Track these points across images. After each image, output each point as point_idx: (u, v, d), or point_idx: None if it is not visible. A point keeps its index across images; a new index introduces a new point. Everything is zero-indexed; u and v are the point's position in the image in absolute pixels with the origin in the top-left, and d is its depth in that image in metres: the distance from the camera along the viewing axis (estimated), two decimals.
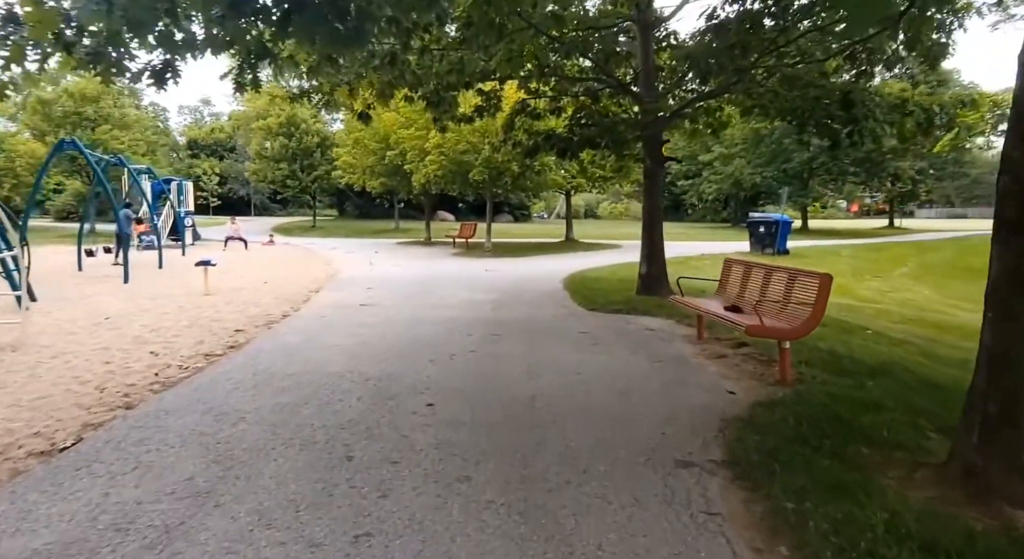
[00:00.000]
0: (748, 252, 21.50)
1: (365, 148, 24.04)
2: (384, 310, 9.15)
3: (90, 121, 29.72)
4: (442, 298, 10.43)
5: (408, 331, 7.57)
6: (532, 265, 17.02)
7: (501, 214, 49.20)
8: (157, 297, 10.76)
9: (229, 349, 6.75)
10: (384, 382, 5.28)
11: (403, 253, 21.55)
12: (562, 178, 21.83)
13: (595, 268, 15.58)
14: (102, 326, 8.04)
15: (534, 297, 10.69)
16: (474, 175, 18.72)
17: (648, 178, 10.41)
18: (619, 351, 6.57)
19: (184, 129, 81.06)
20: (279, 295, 10.94)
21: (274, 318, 8.61)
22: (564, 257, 20.00)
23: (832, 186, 42.82)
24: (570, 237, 26.19)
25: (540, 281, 13.00)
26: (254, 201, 71.28)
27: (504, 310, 9.25)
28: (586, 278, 13.17)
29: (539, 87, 11.19)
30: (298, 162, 34.26)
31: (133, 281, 13.07)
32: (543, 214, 75.76)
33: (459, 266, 16.76)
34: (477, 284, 12.42)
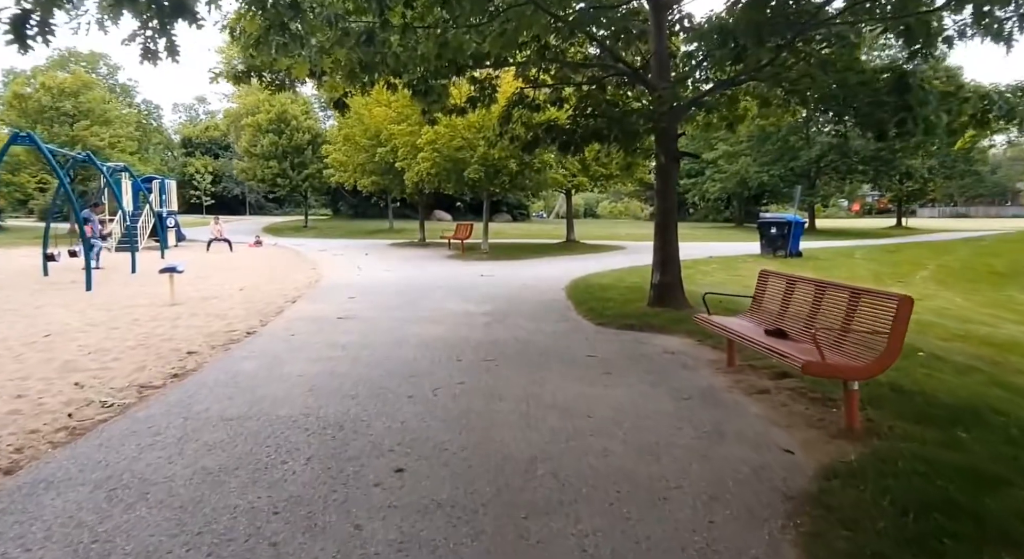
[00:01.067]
0: (759, 255, 20.42)
1: (356, 145, 22.92)
2: (364, 326, 8.05)
3: (68, 116, 28.54)
4: (431, 310, 9.33)
5: (387, 355, 6.47)
6: (531, 269, 15.93)
7: (499, 214, 48.10)
8: (114, 308, 9.66)
9: (171, 379, 5.65)
10: (346, 432, 4.18)
11: (395, 255, 20.45)
12: (563, 176, 20.73)
13: (599, 273, 14.49)
14: (34, 346, 6.94)
15: (534, 309, 9.60)
16: (469, 173, 17.61)
17: (660, 176, 9.32)
18: (636, 382, 5.48)
19: (178, 127, 79.96)
20: (251, 306, 9.84)
21: (236, 336, 7.51)
22: (565, 260, 18.90)
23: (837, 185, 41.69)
24: (571, 238, 25.10)
25: (540, 289, 11.90)
26: (249, 200, 70.17)
27: (500, 326, 8.15)
28: (591, 285, 12.07)
29: (539, 75, 10.10)
30: (288, 160, 33.12)
31: (98, 288, 11.97)
32: (542, 213, 74.63)
33: (453, 270, 15.65)
34: (471, 292, 11.32)
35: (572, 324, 8.42)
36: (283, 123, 32.78)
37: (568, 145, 8.96)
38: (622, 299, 10.16)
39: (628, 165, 13.28)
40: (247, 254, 21.07)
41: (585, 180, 21.44)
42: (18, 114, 27.93)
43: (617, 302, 9.85)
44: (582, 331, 7.95)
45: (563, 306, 9.93)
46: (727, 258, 19.77)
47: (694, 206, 58.62)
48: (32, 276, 14.04)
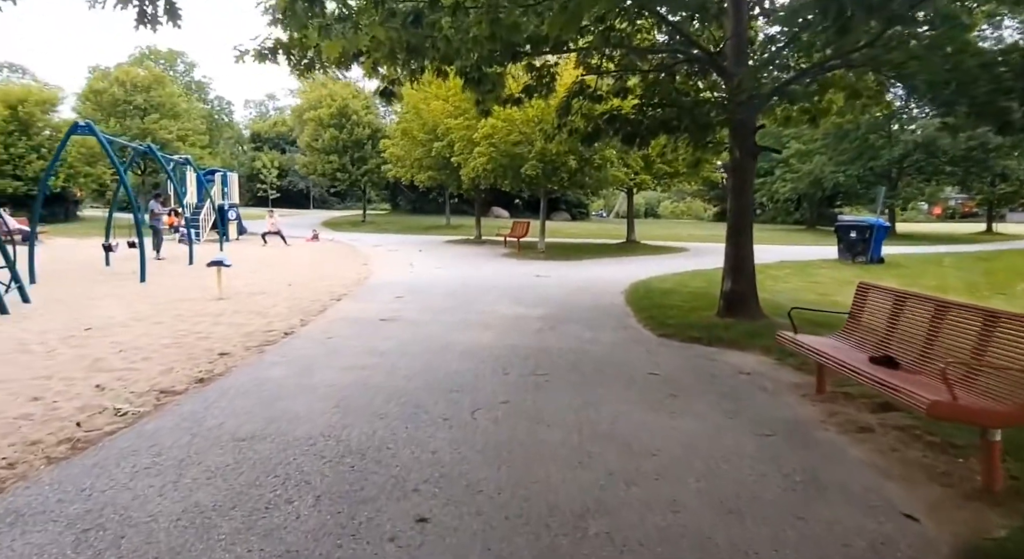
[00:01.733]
0: (836, 260, 18.98)
1: (413, 140, 22.62)
2: (407, 330, 7.52)
3: (140, 110, 29.47)
4: (481, 313, 8.74)
5: (428, 365, 5.90)
6: (589, 271, 15.16)
7: (557, 212, 47.28)
8: (162, 301, 9.50)
9: (195, 384, 5.24)
10: (367, 462, 3.61)
11: (449, 253, 20.02)
12: (624, 174, 19.80)
13: (661, 277, 13.59)
14: (70, 342, 6.72)
15: (590, 315, 8.87)
16: (527, 170, 16.96)
17: (734, 173, 8.43)
18: (708, 410, 4.71)
19: (249, 123, 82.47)
20: (295, 303, 9.50)
21: (272, 336, 7.11)
22: (625, 262, 18.03)
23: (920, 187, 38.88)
24: (631, 238, 24.11)
25: (598, 292, 11.15)
26: (312, 194, 71.65)
27: (553, 334, 7.48)
28: (652, 290, 11.23)
29: (601, 63, 9.34)
30: (348, 154, 33.28)
31: (152, 280, 11.96)
32: (602, 212, 73.33)
33: (507, 270, 15.05)
34: (525, 294, 10.68)
35: (631, 333, 7.66)
36: (344, 117, 32.98)
37: (633, 137, 8.18)
38: (687, 307, 9.31)
39: (696, 162, 12.28)
40: (303, 249, 21.08)
41: (648, 178, 20.45)
42: (94, 108, 29.08)
43: (681, 310, 9.01)
44: (643, 342, 7.18)
45: (622, 312, 9.17)
46: (800, 263, 18.43)
47: (762, 207, 56.19)
48: (95, 267, 14.25)
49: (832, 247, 20.58)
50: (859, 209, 43.44)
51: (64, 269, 13.82)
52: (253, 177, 72.19)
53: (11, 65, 60.25)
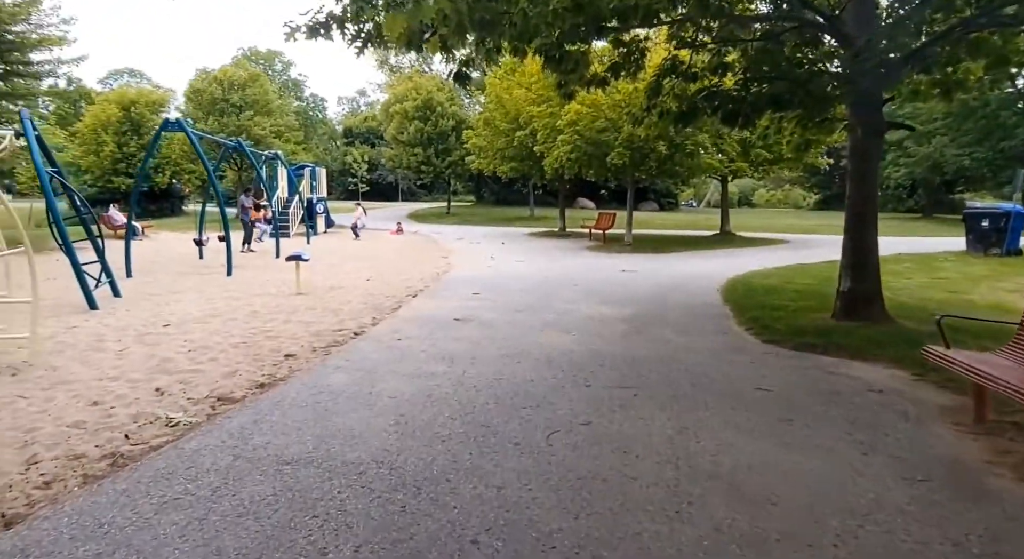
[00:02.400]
0: (964, 252, 16.92)
1: (496, 130, 22.17)
2: (481, 331, 6.98)
3: (236, 107, 30.71)
4: (561, 313, 8.08)
5: (500, 373, 5.32)
6: (680, 265, 14.14)
7: (645, 202, 45.71)
8: (242, 297, 9.46)
9: (253, 390, 4.91)
10: (421, 500, 3.06)
11: (532, 246, 19.45)
12: (718, 161, 18.50)
13: (761, 272, 12.42)
14: (145, 339, 6.63)
15: (683, 316, 8.02)
16: (613, 158, 16.07)
17: (856, 154, 7.33)
18: (834, 441, 3.86)
19: (341, 119, 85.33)
20: (370, 300, 9.21)
21: (342, 337, 6.76)
22: (719, 255, 16.80)
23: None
24: (726, 229, 22.65)
25: (691, 289, 10.22)
26: (401, 186, 73.21)
27: (641, 338, 6.72)
28: (752, 287, 10.17)
29: (696, 36, 8.40)
30: (433, 147, 33.36)
31: (238, 274, 12.10)
32: (692, 202, 70.57)
33: (591, 264, 14.29)
34: (609, 292, 9.92)
35: (732, 339, 6.78)
36: (429, 110, 33.08)
37: (735, 116, 7.21)
38: (794, 307, 8.27)
39: (806, 144, 11.01)
40: (386, 242, 21.14)
41: (745, 165, 19.02)
42: (195, 106, 30.59)
43: (788, 311, 7.99)
44: (746, 350, 6.30)
45: (719, 313, 8.25)
46: (922, 256, 16.55)
47: None
48: (189, 261, 14.66)
49: (955, 237, 18.47)
50: (985, 195, 39.28)
51: (161, 262, 14.31)
52: (345, 171, 74.69)
53: (131, 70, 65.11)
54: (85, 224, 9.21)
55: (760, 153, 18.85)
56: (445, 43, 5.25)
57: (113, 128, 29.55)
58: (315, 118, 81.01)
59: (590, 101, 15.89)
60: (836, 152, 33.69)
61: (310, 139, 70.92)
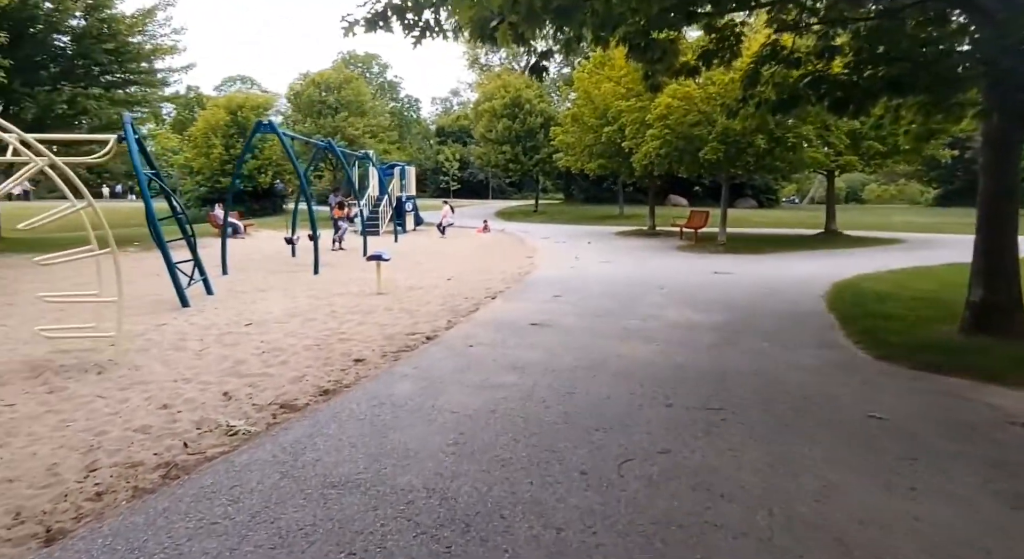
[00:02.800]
0: None
1: (583, 126, 21.62)
2: (557, 338, 6.60)
3: (331, 109, 31.77)
4: (644, 319, 7.56)
5: (573, 386, 4.93)
6: (779, 267, 13.13)
7: (742, 199, 43.56)
8: (323, 296, 9.56)
9: (317, 397, 4.78)
10: (469, 540, 2.74)
11: (619, 245, 18.81)
12: (824, 155, 17.09)
13: (872, 275, 11.28)
14: (224, 339, 6.72)
15: (782, 325, 7.29)
16: (706, 153, 15.17)
17: (992, 144, 6.36)
18: (973, 491, 3.20)
19: (435, 118, 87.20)
20: (448, 301, 9.05)
21: (414, 341, 6.58)
22: (823, 256, 15.53)
23: None
24: (831, 228, 21.00)
25: (791, 295, 9.37)
26: (491, 185, 73.82)
27: (733, 351, 6.11)
28: (862, 293, 9.18)
29: (800, 18, 7.60)
30: (521, 144, 33.19)
31: (324, 272, 12.36)
32: (794, 198, 66.80)
33: (681, 266, 13.55)
34: (699, 296, 9.26)
35: (839, 354, 6.04)
36: (517, 107, 32.92)
37: (844, 103, 6.40)
38: (913, 318, 7.33)
39: (928, 133, 9.79)
40: (472, 240, 21.13)
41: (855, 159, 17.48)
42: (294, 109, 31.94)
43: (905, 322, 7.08)
44: (856, 368, 5.56)
45: (823, 323, 7.44)
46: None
47: None
48: (280, 259, 15.17)
49: None
50: None
51: (257, 260, 14.89)
52: (437, 170, 76.22)
53: (242, 77, 69.30)
54: (180, 224, 9.60)
55: (872, 145, 17.26)
56: (517, 33, 4.90)
57: (221, 131, 31.37)
58: (409, 118, 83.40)
59: (682, 94, 15.09)
60: (960, 143, 30.68)
61: (404, 138, 73.02)
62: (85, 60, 16.65)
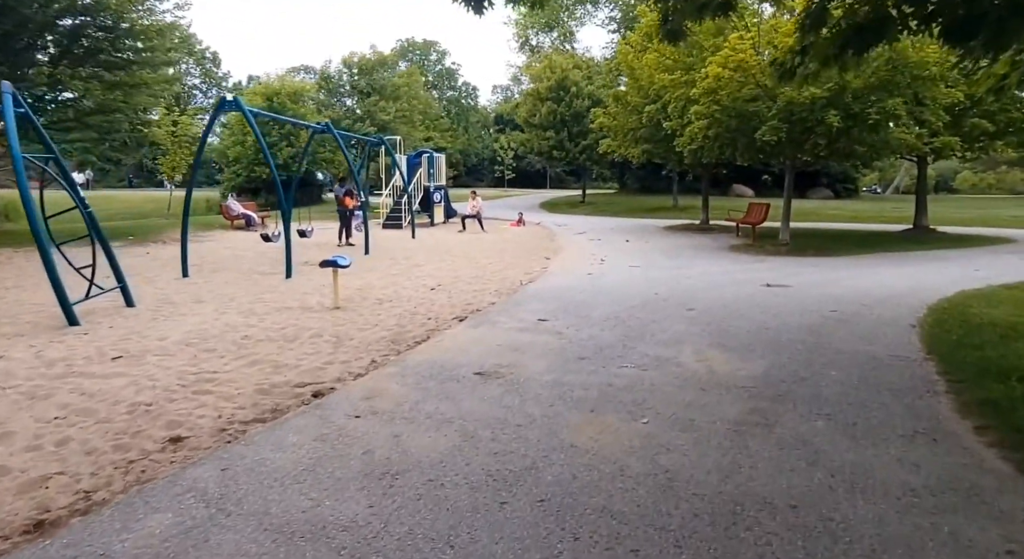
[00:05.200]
0: None
1: (626, 106, 19.05)
2: (493, 404, 4.40)
3: (362, 93, 30.12)
4: (643, 368, 5.24)
5: (454, 535, 2.74)
6: (854, 278, 10.38)
7: (815, 188, 39.57)
8: (263, 312, 7.69)
9: (78, 515, 2.79)
10: None
11: (662, 244, 16.25)
12: (915, 136, 13.91)
13: (984, 293, 8.46)
14: (51, 386, 4.87)
15: (849, 383, 4.82)
16: (763, 133, 12.43)
17: None
18: None
19: (496, 107, 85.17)
20: (403, 323, 7.04)
21: (290, 400, 4.53)
22: (913, 261, 12.56)
23: None
24: (922, 224, 17.67)
25: (867, 325, 6.79)
26: (548, 174, 71.31)
27: (764, 442, 3.74)
28: (973, 324, 6.48)
29: None
30: (567, 129, 30.66)
31: (301, 276, 10.52)
32: (876, 188, 61.25)
33: (726, 274, 10.99)
34: (738, 324, 6.83)
35: (952, 459, 3.55)
36: (563, 90, 30.37)
37: (969, 27, 3.85)
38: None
39: None
40: (501, 234, 19.00)
41: (954, 141, 14.20)
42: (327, 93, 30.43)
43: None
44: (985, 494, 3.11)
45: (917, 381, 4.91)
46: None
47: None
48: (270, 255, 13.48)
49: None
50: None
51: (240, 258, 13.27)
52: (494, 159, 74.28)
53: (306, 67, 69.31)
54: (88, 221, 7.88)
55: (979, 123, 14.01)
56: None
57: (258, 118, 30.31)
58: (467, 106, 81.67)
59: (735, 62, 12.41)
60: None
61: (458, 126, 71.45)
62: (67, 36, 15.31)
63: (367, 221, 14.86)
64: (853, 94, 12.07)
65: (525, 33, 42.06)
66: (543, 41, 42.74)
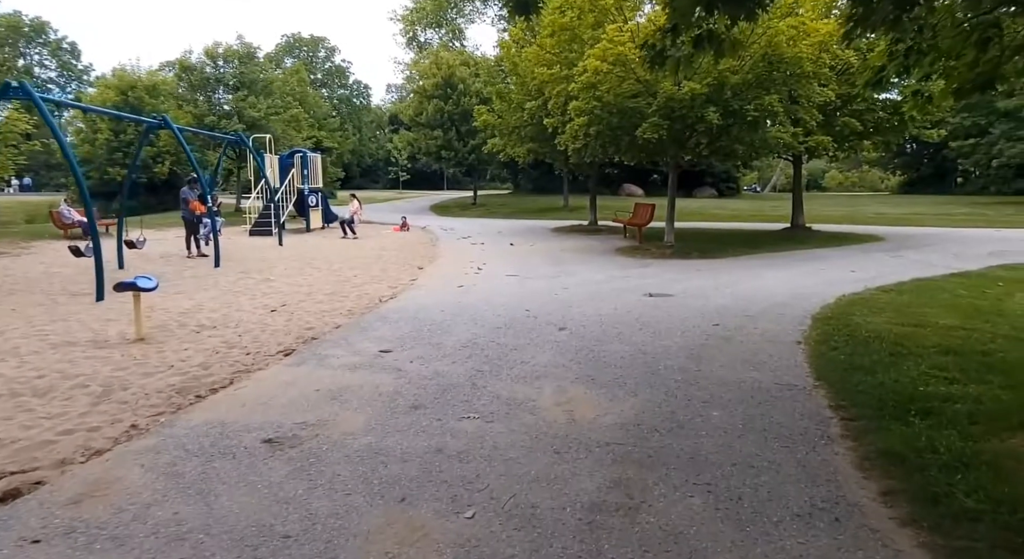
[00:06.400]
0: None
1: (510, 104, 18.16)
2: (295, 484, 3.17)
3: (228, 87, 27.50)
4: (492, 414, 4.18)
5: None
6: (736, 282, 9.90)
7: (702, 187, 40.65)
8: (24, 353, 5.96)
9: None
10: None
11: (547, 247, 15.45)
12: (790, 135, 13.80)
13: (866, 298, 8.10)
14: None
15: (734, 428, 3.96)
16: (644, 131, 11.83)
17: None
18: None
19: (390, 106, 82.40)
20: (216, 359, 5.65)
21: (14, 484, 3.10)
22: (794, 261, 12.39)
23: None
24: (798, 222, 17.97)
25: (751, 342, 6.10)
26: (446, 175, 69.77)
27: (634, 517, 2.76)
28: (860, 338, 5.91)
29: None
30: (455, 128, 29.47)
31: (116, 297, 8.69)
32: (755, 186, 64.48)
33: (609, 281, 10.24)
34: (612, 348, 5.94)
35: (852, 540, 2.72)
36: (450, 87, 29.17)
37: None
38: (962, 396, 4.13)
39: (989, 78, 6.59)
40: (380, 240, 17.56)
41: (827, 140, 14.27)
42: (187, 86, 27.51)
43: (957, 412, 3.87)
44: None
45: (809, 418, 4.14)
46: None
47: (966, 176, 45.59)
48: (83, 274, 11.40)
49: None
50: None
51: (52, 275, 11.13)
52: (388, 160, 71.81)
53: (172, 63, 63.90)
54: None
55: (849, 123, 14.20)
56: None
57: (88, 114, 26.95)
58: (359, 105, 78.52)
59: (613, 55, 11.74)
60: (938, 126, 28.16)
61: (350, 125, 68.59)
62: None
63: (216, 228, 13.01)
64: (732, 90, 11.72)
65: (412, 29, 40.47)
66: (431, 38, 41.35)
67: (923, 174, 48.03)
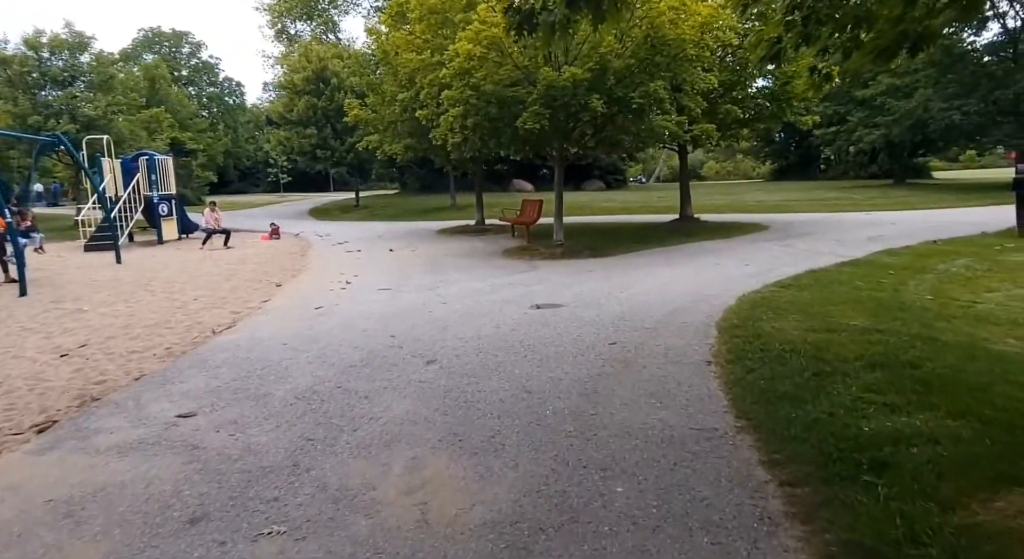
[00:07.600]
0: (1014, 230, 12.43)
1: (383, 97, 16.62)
2: None
3: (56, 82, 23.80)
4: (313, 514, 2.88)
5: None
6: (629, 284, 9.06)
7: (590, 180, 40.65)
8: None
9: None
10: None
11: (430, 251, 14.15)
12: (676, 124, 13.20)
13: (768, 297, 7.44)
14: None
15: (646, 509, 2.90)
16: (524, 120, 10.79)
17: None
18: None
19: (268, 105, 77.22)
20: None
21: None
22: (687, 256, 11.81)
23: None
24: (687, 213, 17.73)
25: (653, 366, 5.13)
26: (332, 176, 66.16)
27: None
28: (774, 351, 5.10)
29: None
30: (330, 126, 27.37)
31: None
32: (641, 178, 65.99)
33: (489, 291, 9.10)
34: (486, 389, 4.77)
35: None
36: (322, 82, 27.01)
37: None
38: (912, 433, 3.30)
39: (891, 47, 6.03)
40: (245, 250, 15.51)
41: (711, 128, 13.89)
42: (3, 83, 23.49)
43: (927, 493, 3.00)
44: None
45: (739, 485, 3.15)
46: (962, 240, 12.06)
47: (828, 162, 48.61)
48: None
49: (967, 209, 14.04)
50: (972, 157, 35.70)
51: None
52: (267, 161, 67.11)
53: None
54: None
55: (732, 110, 13.90)
56: None
57: None
58: (232, 104, 73.07)
59: (488, 38, 10.59)
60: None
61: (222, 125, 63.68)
62: None
63: (20, 249, 10.64)
64: (615, 76, 10.92)
65: (280, 20, 37.61)
66: (303, 30, 38.65)
67: (791, 162, 50.81)
